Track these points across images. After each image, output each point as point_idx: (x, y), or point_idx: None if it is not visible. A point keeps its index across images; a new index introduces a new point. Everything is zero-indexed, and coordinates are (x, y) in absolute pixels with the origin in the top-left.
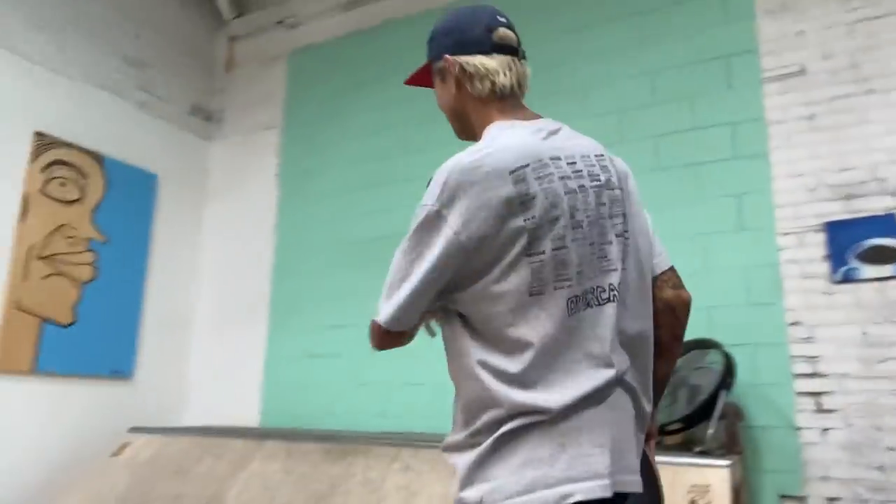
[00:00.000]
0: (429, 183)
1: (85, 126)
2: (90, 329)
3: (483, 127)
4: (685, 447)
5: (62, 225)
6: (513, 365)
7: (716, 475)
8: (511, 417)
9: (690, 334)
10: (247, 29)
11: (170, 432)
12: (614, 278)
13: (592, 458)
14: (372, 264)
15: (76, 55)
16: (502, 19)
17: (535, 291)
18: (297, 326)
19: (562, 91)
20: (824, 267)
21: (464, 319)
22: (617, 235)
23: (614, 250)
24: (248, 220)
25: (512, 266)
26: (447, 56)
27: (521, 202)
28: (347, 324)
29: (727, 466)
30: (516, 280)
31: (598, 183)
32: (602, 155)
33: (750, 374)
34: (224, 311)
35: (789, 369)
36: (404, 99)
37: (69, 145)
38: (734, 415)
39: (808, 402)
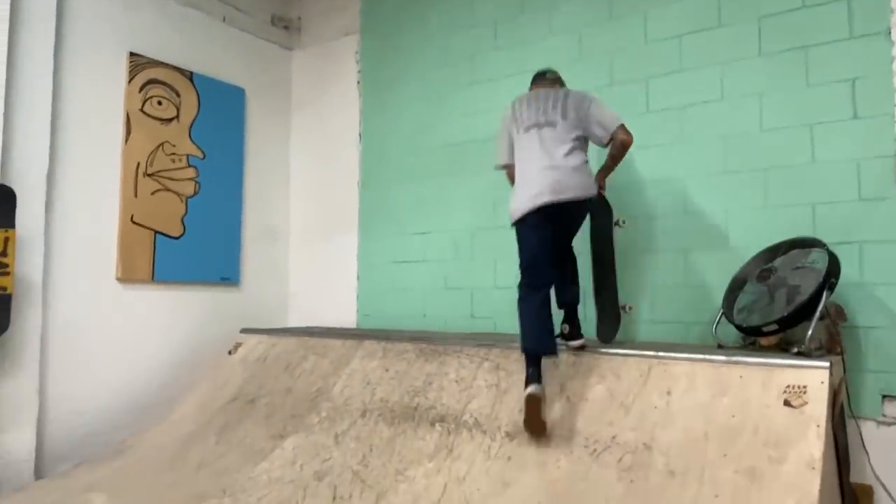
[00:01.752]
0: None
1: (173, 43)
2: (198, 240)
3: None
4: (784, 349)
5: (163, 142)
6: None
7: (813, 376)
8: None
9: (792, 233)
10: None
11: (277, 333)
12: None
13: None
14: (456, 170)
15: None
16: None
17: None
18: (386, 233)
19: None
20: None
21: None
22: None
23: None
24: (334, 129)
25: None
26: None
27: None
28: (432, 230)
29: (826, 367)
30: None
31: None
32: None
33: (856, 273)
34: (317, 220)
35: None
36: None
37: (161, 64)
38: (836, 315)
39: None
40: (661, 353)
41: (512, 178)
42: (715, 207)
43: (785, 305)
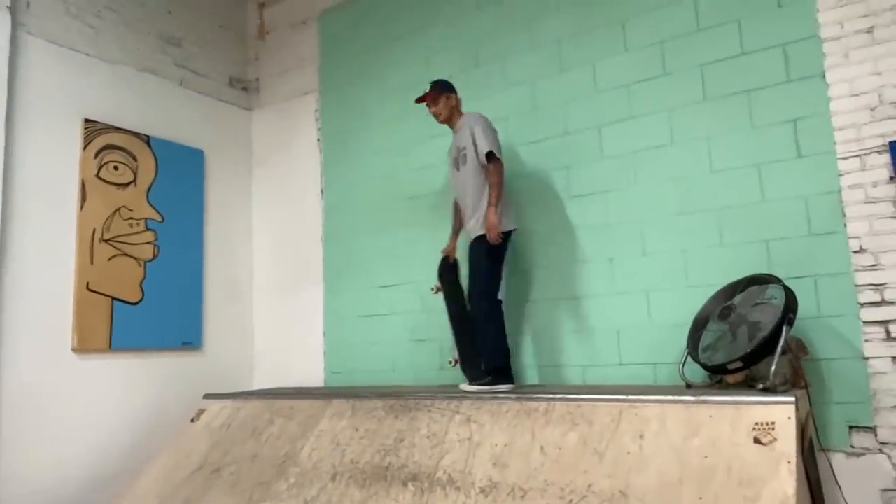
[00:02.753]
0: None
1: (130, 108)
2: (157, 305)
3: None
4: (748, 385)
5: (120, 207)
6: None
7: (780, 412)
8: None
9: (748, 269)
10: None
11: (242, 396)
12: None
13: None
14: (419, 221)
15: (114, 39)
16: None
17: None
18: (351, 287)
19: (597, 25)
20: (890, 190)
21: None
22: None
23: None
24: (295, 186)
25: None
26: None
27: None
28: (398, 282)
29: (791, 402)
30: None
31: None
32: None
33: (813, 307)
34: (281, 277)
35: (855, 298)
36: (440, 49)
37: (117, 129)
38: (798, 349)
39: (877, 331)
40: (631, 396)
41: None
42: (673, 247)
43: (747, 342)
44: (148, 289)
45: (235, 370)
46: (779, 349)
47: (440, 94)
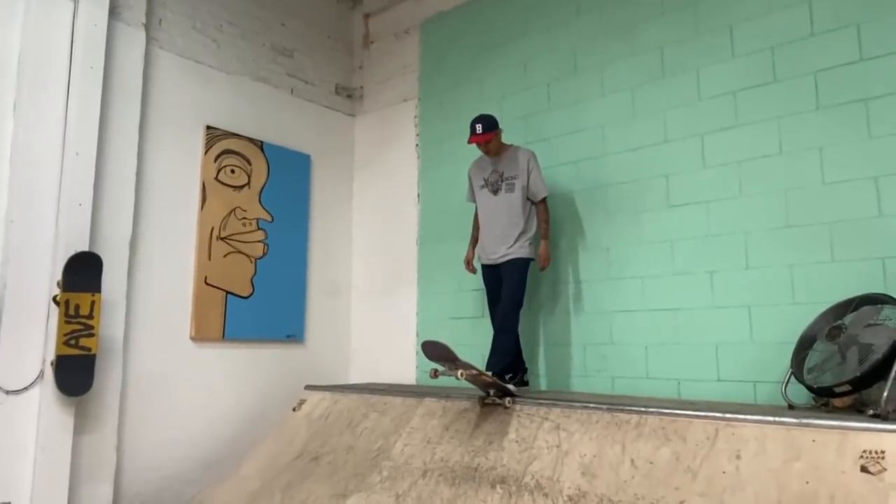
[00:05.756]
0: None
1: (246, 116)
2: (265, 299)
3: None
4: (857, 410)
5: (235, 208)
6: None
7: (892, 440)
8: None
9: (860, 288)
10: (380, 4)
11: (339, 390)
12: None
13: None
14: None
15: (233, 50)
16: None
17: None
18: (444, 289)
19: (703, 31)
20: None
21: None
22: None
23: None
24: (394, 189)
25: None
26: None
27: None
28: None
29: None
30: None
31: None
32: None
33: None
34: (378, 277)
35: None
36: (538, 56)
37: (234, 135)
38: None
39: None
40: (728, 414)
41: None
42: (779, 262)
43: (857, 365)
44: (258, 284)
45: (333, 364)
46: (893, 374)
47: (493, 132)
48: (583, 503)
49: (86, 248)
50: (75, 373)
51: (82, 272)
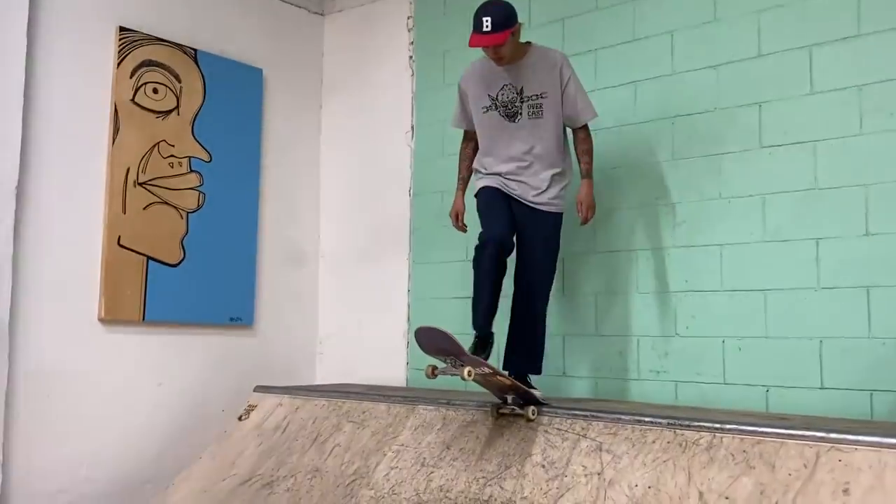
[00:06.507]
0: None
1: (174, 15)
2: (201, 269)
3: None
4: None
5: (160, 142)
6: None
7: None
8: None
9: None
10: None
11: (301, 392)
12: None
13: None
14: None
15: None
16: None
17: None
18: (448, 258)
19: None
20: None
21: None
22: None
23: None
24: (378, 120)
25: None
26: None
27: None
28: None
29: None
30: None
31: None
32: None
33: None
34: (355, 241)
35: None
36: None
37: (158, 40)
38: None
39: None
40: (834, 434)
41: None
42: None
43: None
44: (190, 247)
45: (294, 358)
46: None
47: (508, 30)
48: None
49: None
50: None
51: None
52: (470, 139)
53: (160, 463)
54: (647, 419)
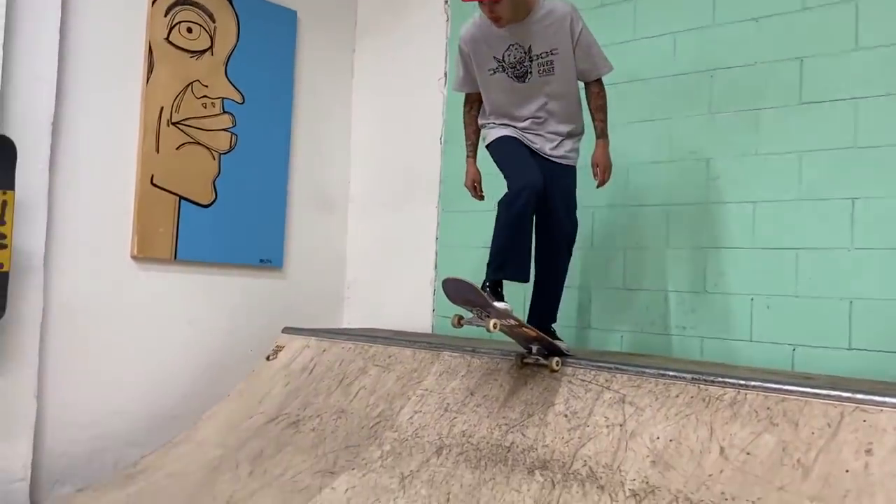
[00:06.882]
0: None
1: None
2: (232, 210)
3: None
4: None
5: (193, 82)
6: None
7: None
8: None
9: None
10: None
11: (328, 335)
12: None
13: None
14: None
15: None
16: None
17: None
18: (478, 206)
19: None
20: None
21: None
22: None
23: None
24: (411, 65)
25: None
26: None
27: None
28: None
29: None
30: None
31: None
32: None
33: None
34: (385, 187)
35: None
36: None
37: None
38: None
39: None
40: (859, 395)
41: None
42: None
43: None
44: (222, 189)
45: (321, 301)
46: None
47: None
48: (650, 501)
49: None
50: None
51: None
52: (473, 101)
53: (189, 399)
54: (671, 373)
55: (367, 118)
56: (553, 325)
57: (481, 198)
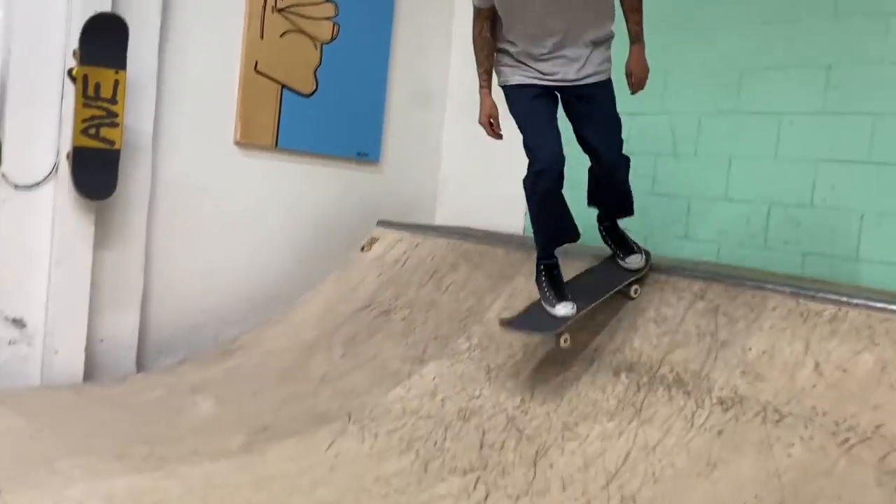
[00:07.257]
0: None
1: None
2: (332, 101)
3: None
4: None
5: None
6: None
7: None
8: None
9: None
10: None
11: (421, 231)
12: None
13: None
14: (686, 25)
15: None
16: None
17: None
18: None
19: None
20: None
21: None
22: None
23: None
24: None
25: None
26: None
27: None
28: (642, 110)
29: None
30: None
31: None
32: None
33: None
34: None
35: None
36: None
37: None
38: None
39: None
40: None
41: None
42: None
43: None
44: (323, 79)
45: (416, 197)
46: None
47: None
48: (737, 410)
49: (108, 10)
50: (96, 171)
51: (103, 40)
52: (486, 18)
53: (284, 283)
54: (769, 286)
55: (469, 13)
56: (631, 237)
57: (499, 136)
